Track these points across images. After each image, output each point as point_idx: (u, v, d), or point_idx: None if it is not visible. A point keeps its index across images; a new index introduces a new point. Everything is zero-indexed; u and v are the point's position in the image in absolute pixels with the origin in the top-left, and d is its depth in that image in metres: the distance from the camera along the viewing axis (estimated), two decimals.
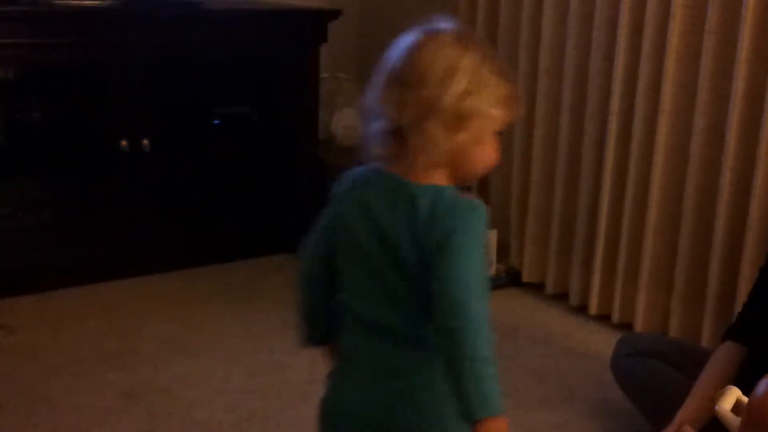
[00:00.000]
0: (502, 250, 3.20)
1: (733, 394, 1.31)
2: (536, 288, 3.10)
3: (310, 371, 2.47)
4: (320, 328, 1.53)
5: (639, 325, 2.74)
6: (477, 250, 1.34)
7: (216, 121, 3.27)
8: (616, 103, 2.72)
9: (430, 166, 1.34)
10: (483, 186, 3.31)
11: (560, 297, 3.01)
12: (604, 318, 2.86)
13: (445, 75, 1.31)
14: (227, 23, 3.08)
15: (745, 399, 1.27)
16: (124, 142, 2.89)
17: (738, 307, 2.25)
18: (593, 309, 2.87)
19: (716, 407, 1.30)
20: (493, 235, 3.16)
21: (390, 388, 1.40)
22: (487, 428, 1.31)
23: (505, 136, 3.11)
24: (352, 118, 3.59)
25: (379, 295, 1.37)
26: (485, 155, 1.37)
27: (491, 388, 1.34)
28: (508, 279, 3.16)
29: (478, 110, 1.32)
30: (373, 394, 1.41)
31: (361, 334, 1.42)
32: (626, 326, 2.78)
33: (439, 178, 1.35)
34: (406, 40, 1.41)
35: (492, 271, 3.16)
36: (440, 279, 1.31)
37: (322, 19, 3.23)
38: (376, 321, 1.39)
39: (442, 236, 1.31)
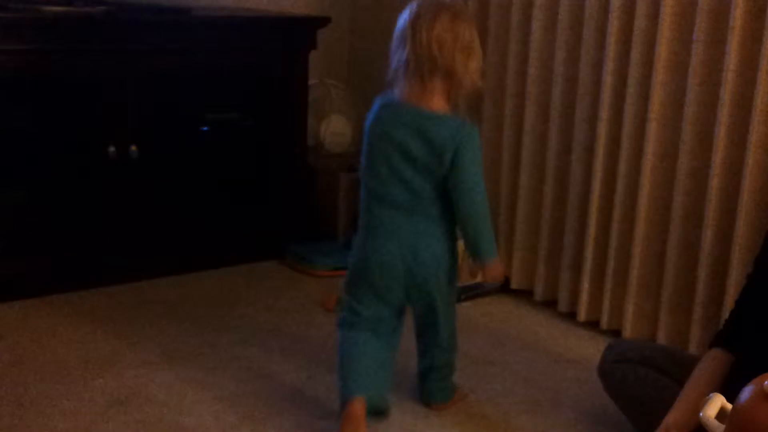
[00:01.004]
0: None
1: (718, 401, 1.31)
2: (525, 295, 3.10)
3: (298, 377, 2.47)
4: None
5: (627, 332, 2.75)
6: (477, 155, 2.13)
7: (205, 128, 3.27)
8: (604, 111, 2.73)
9: (444, 97, 2.11)
10: None
11: (549, 303, 3.02)
12: (592, 324, 2.86)
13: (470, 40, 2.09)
14: (217, 30, 3.08)
15: (730, 406, 1.28)
16: (112, 149, 2.89)
17: (726, 314, 2.26)
18: (582, 315, 2.88)
19: (701, 414, 1.30)
20: None
21: (414, 244, 2.14)
22: (494, 264, 2.20)
23: (493, 142, 3.12)
24: (341, 125, 3.60)
25: (397, 184, 2.12)
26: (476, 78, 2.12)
27: (493, 239, 2.19)
28: (497, 286, 3.16)
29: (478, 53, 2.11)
30: (403, 248, 2.13)
31: (384, 211, 2.14)
32: (615, 333, 2.79)
33: (444, 105, 2.11)
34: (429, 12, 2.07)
35: (480, 278, 3.17)
36: (459, 174, 2.10)
37: (311, 26, 3.23)
38: (395, 201, 2.13)
39: (456, 149, 2.08)
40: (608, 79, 2.70)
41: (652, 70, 2.59)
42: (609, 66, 2.69)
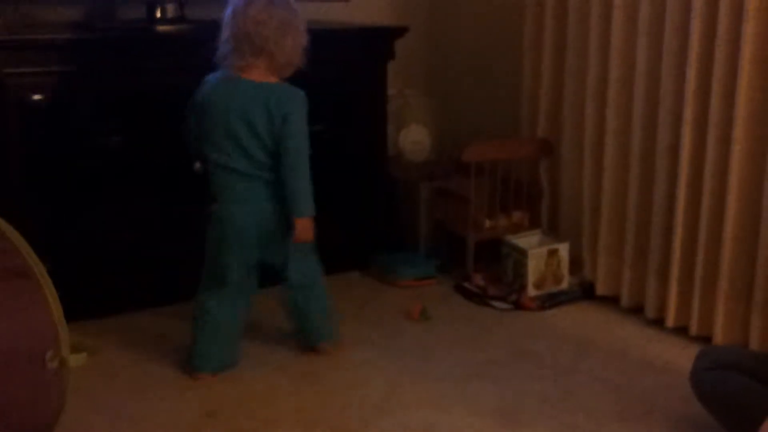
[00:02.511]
0: (575, 263, 3.18)
1: None
2: (611, 301, 3.06)
3: (388, 388, 2.49)
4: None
5: (718, 338, 2.69)
6: (303, 119, 2.47)
7: None
8: (689, 111, 2.68)
9: (269, 71, 2.47)
10: (554, 198, 3.30)
11: (636, 310, 2.97)
12: (681, 330, 2.81)
13: (282, 21, 2.47)
14: None
15: None
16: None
17: None
18: (670, 321, 2.83)
19: None
20: (564, 248, 3.14)
21: (255, 206, 2.47)
22: (306, 222, 2.49)
23: (575, 145, 3.10)
24: (420, 134, 3.61)
25: (234, 150, 2.44)
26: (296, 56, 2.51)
27: (310, 199, 2.48)
28: (582, 292, 3.14)
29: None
30: (248, 212, 2.47)
31: (224, 177, 2.48)
32: (704, 339, 2.73)
33: (272, 78, 2.47)
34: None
35: (564, 284, 3.15)
36: (286, 138, 2.43)
37: (389, 36, 3.25)
38: (233, 167, 2.45)
39: (285, 114, 2.42)
40: (692, 78, 2.65)
41: (737, 68, 2.53)
42: (692, 66, 2.64)
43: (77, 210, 2.92)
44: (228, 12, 2.47)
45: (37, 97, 2.77)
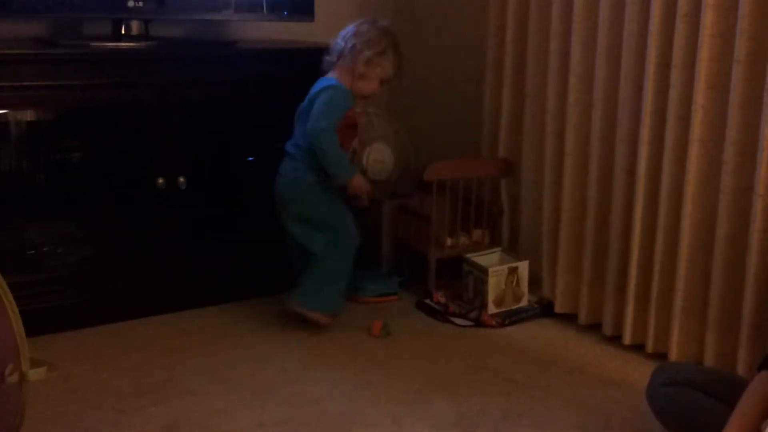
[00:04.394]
0: (534, 281, 3.22)
1: None
2: (569, 318, 3.11)
3: (347, 403, 2.50)
4: None
5: (674, 355, 2.74)
6: (328, 103, 2.85)
7: (251, 158, 3.33)
8: (646, 132, 2.74)
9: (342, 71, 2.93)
10: (514, 217, 3.34)
11: (594, 327, 3.02)
12: (638, 348, 2.86)
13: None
14: (261, 62, 3.14)
15: None
16: (161, 180, 2.95)
17: None
18: (627, 339, 2.87)
19: None
20: (524, 266, 3.18)
21: (287, 178, 2.97)
22: (354, 182, 2.97)
23: (536, 165, 3.15)
24: (383, 153, 3.63)
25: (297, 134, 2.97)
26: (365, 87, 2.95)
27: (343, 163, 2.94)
28: (541, 310, 3.18)
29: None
30: (283, 182, 2.97)
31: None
32: (661, 356, 2.78)
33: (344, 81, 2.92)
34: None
35: (524, 302, 3.18)
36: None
37: None
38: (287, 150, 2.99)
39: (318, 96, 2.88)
40: (648, 101, 2.71)
41: (692, 91, 2.59)
42: (649, 88, 2.71)
43: (35, 224, 2.92)
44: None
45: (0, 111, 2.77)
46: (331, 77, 2.92)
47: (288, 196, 2.95)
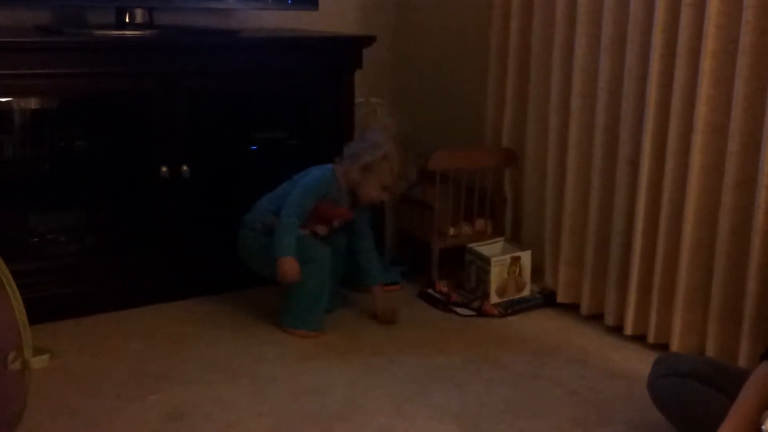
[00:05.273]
0: (537, 271, 3.22)
1: None
2: (571, 309, 3.11)
3: (348, 393, 2.50)
4: None
5: (675, 345, 2.74)
6: (303, 192, 2.87)
7: (253, 147, 3.33)
8: (649, 124, 2.73)
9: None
10: (517, 207, 3.34)
11: (596, 317, 3.02)
12: (639, 338, 2.86)
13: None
14: (264, 51, 3.14)
15: None
16: (164, 169, 2.95)
17: None
18: (629, 329, 2.88)
19: (762, 428, 1.31)
20: (527, 256, 3.18)
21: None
22: (282, 262, 2.80)
23: (539, 156, 3.14)
24: None
25: None
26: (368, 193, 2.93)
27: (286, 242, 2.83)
28: (543, 300, 3.18)
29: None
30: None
31: None
32: (662, 346, 2.78)
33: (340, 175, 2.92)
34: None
35: (526, 292, 3.18)
36: None
37: (356, 45, 3.28)
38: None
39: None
40: (652, 92, 2.71)
41: (696, 82, 2.59)
42: (653, 79, 2.70)
43: (38, 213, 2.93)
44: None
45: (3, 99, 2.77)
46: (330, 168, 2.94)
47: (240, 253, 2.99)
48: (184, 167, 2.98)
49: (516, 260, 3.16)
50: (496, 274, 3.12)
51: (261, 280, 3.03)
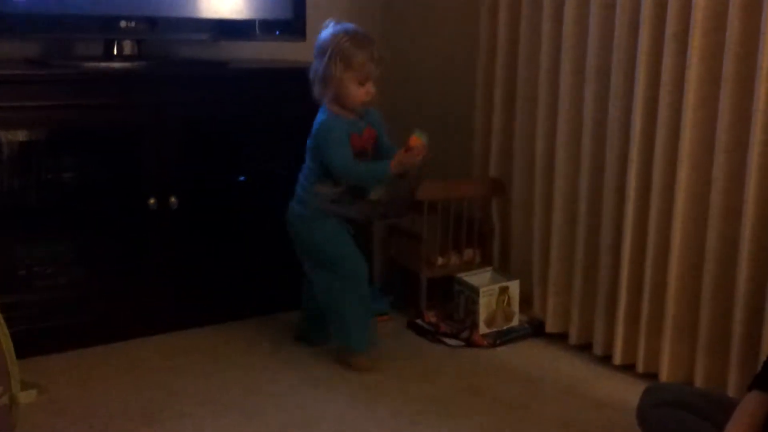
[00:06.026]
0: (525, 301, 3.22)
1: None
2: (560, 338, 3.11)
3: (338, 425, 2.49)
4: None
5: (664, 375, 2.74)
6: (326, 142, 2.80)
7: (242, 177, 3.33)
8: (635, 153, 2.75)
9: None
10: (505, 236, 3.35)
11: (584, 347, 3.02)
12: (628, 368, 2.86)
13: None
14: (253, 81, 3.15)
15: None
16: (152, 200, 2.95)
17: (763, 356, 2.26)
18: (618, 359, 2.88)
19: None
20: (515, 286, 3.18)
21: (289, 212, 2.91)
22: (390, 169, 2.80)
23: (526, 185, 3.15)
24: None
25: None
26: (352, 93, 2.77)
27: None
28: (532, 330, 3.18)
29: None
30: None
31: None
32: (651, 376, 2.78)
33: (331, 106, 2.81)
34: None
35: (515, 322, 3.18)
36: None
37: None
38: None
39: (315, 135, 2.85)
40: (638, 120, 2.73)
41: (681, 112, 2.61)
42: (638, 108, 2.72)
43: (26, 244, 2.91)
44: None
45: None
46: (323, 107, 2.84)
47: (290, 229, 2.91)
48: (173, 198, 2.98)
49: (504, 290, 3.16)
50: (485, 305, 3.12)
51: (253, 310, 3.02)
